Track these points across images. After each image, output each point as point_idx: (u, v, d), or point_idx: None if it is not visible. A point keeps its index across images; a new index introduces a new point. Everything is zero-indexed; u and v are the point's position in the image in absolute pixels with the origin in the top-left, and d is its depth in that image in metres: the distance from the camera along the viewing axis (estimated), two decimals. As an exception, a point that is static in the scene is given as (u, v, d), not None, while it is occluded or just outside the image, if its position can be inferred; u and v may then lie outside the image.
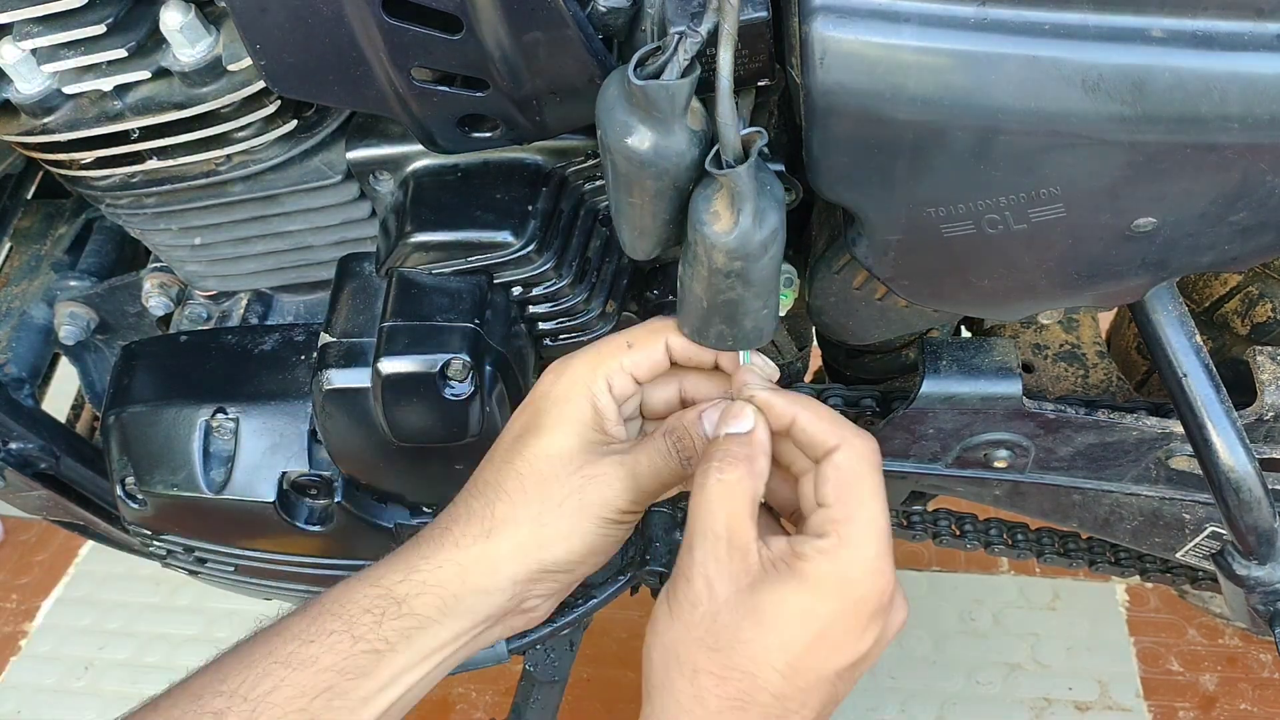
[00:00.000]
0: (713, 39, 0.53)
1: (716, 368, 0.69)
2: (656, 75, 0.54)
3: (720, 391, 0.68)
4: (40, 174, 1.17)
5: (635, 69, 0.54)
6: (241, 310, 0.93)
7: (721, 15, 0.52)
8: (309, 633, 0.63)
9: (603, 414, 0.66)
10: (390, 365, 0.75)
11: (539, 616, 0.69)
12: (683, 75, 0.53)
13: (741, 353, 0.66)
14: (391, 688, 0.63)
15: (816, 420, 0.61)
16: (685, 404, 0.70)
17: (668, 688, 0.60)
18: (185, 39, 0.69)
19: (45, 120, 0.74)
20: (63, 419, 1.17)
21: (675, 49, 0.53)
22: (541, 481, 0.65)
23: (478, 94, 0.66)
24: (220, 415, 0.86)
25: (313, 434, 0.85)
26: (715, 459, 0.60)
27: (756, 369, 0.66)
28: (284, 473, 0.86)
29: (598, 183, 0.81)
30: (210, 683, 0.61)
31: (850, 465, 0.59)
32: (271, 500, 0.86)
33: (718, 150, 0.55)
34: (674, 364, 0.69)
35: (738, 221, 0.56)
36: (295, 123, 0.76)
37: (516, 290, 0.80)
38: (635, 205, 0.60)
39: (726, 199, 0.56)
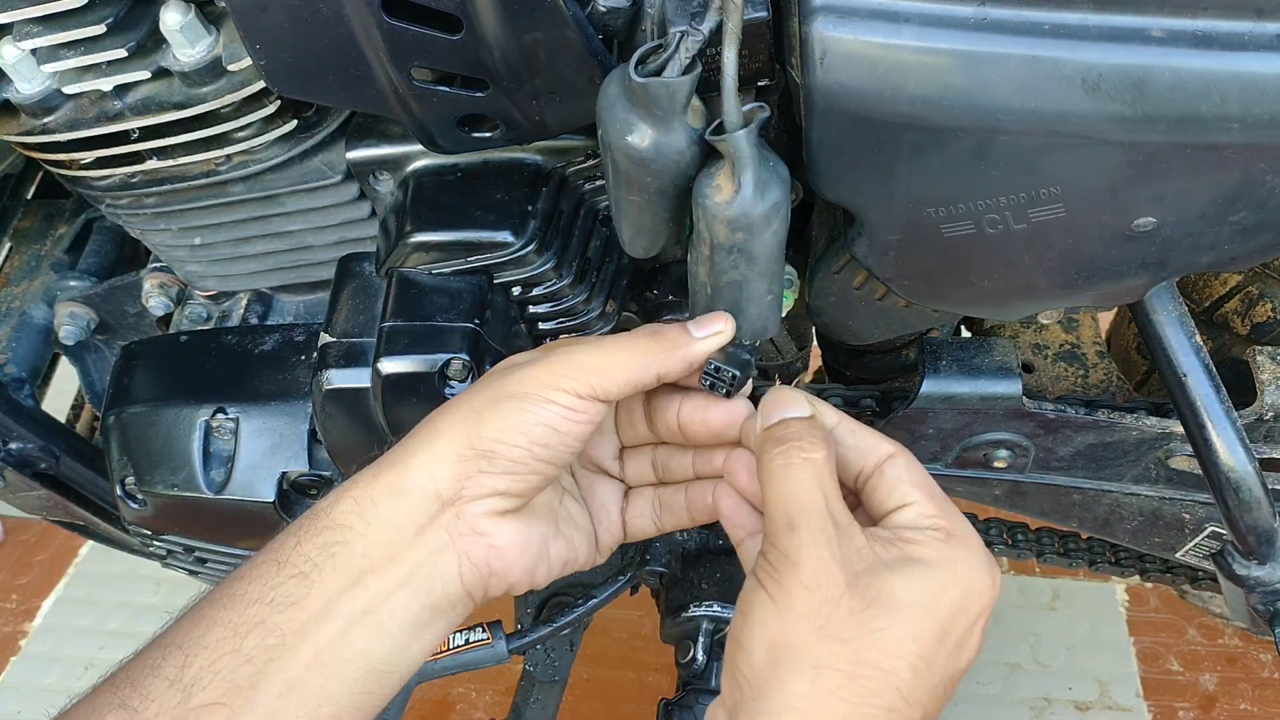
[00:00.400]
0: (714, 38, 0.53)
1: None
2: (657, 73, 0.54)
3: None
4: (40, 174, 1.18)
5: (636, 67, 0.54)
6: (241, 310, 0.93)
7: (725, 13, 0.52)
8: (242, 570, 0.58)
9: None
10: (390, 365, 0.75)
11: (502, 549, 0.59)
12: (684, 73, 0.54)
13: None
14: (329, 620, 0.56)
15: (860, 429, 0.59)
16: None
17: (779, 688, 0.51)
18: (185, 39, 0.69)
19: (45, 120, 0.74)
20: (63, 419, 1.17)
21: (677, 47, 0.53)
22: (486, 380, 0.60)
23: (478, 94, 0.66)
24: (220, 415, 0.86)
25: (313, 434, 0.85)
26: (793, 439, 0.56)
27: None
28: (284, 473, 0.86)
29: (598, 182, 0.81)
30: (157, 639, 0.58)
31: (916, 467, 0.57)
32: (271, 500, 0.86)
33: (720, 122, 0.54)
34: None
35: (739, 190, 0.56)
36: (295, 123, 0.76)
37: (516, 290, 0.80)
38: (635, 203, 0.60)
39: (728, 171, 0.56)
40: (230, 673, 0.54)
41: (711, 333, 0.61)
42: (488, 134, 0.71)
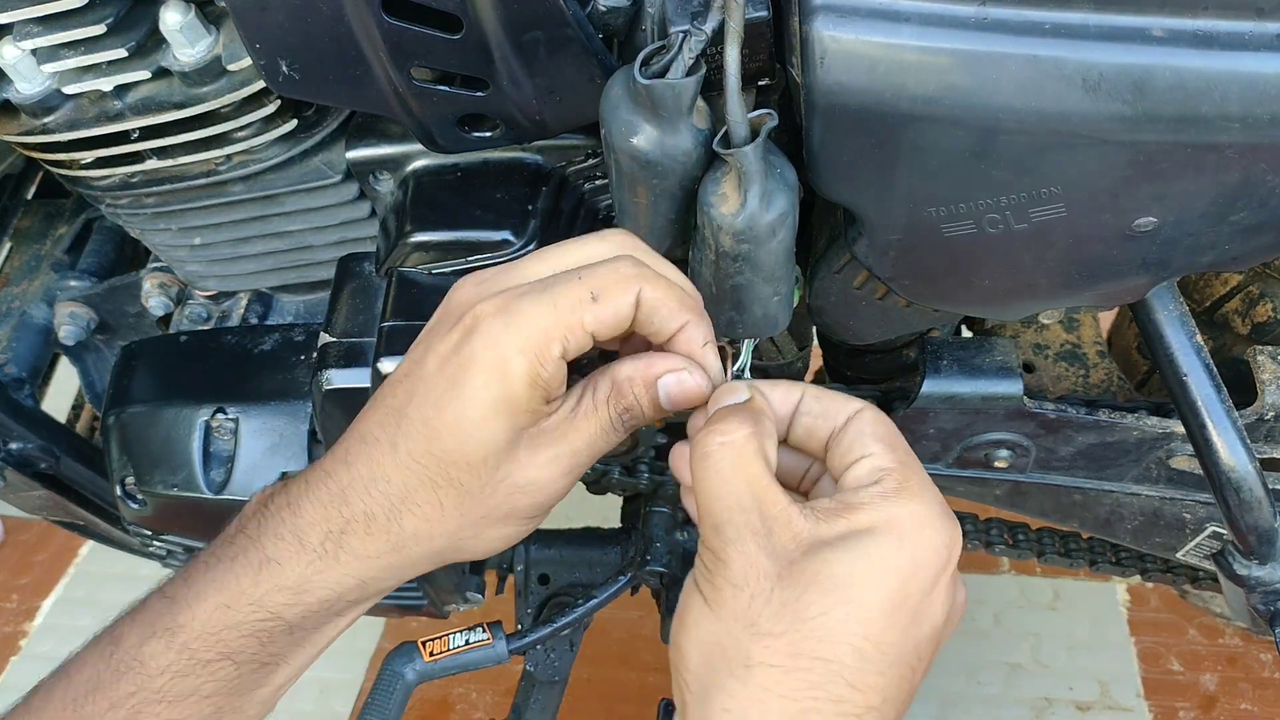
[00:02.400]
0: (716, 37, 0.53)
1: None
2: (661, 74, 0.54)
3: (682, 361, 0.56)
4: (40, 174, 1.18)
5: (640, 68, 0.54)
6: (241, 310, 0.93)
7: (727, 12, 0.52)
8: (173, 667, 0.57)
9: (545, 387, 0.53)
10: (390, 365, 0.75)
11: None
12: (688, 74, 0.53)
13: (745, 342, 0.64)
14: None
15: (825, 393, 0.56)
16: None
17: (714, 693, 0.48)
18: (185, 39, 0.69)
19: (45, 120, 0.74)
20: (63, 419, 1.17)
21: (680, 48, 0.53)
22: (461, 497, 0.54)
23: (478, 94, 0.66)
24: (220, 415, 0.86)
25: (313, 434, 0.85)
26: (713, 424, 0.52)
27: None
28: (284, 473, 0.86)
29: (598, 182, 0.81)
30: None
31: (883, 419, 0.54)
32: (271, 500, 0.86)
33: (726, 132, 0.54)
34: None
35: (744, 203, 0.56)
36: (295, 123, 0.76)
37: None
38: (640, 205, 0.60)
39: (734, 180, 0.56)
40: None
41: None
42: (488, 134, 0.71)
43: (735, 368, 0.61)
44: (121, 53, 0.69)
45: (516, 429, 0.53)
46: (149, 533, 0.95)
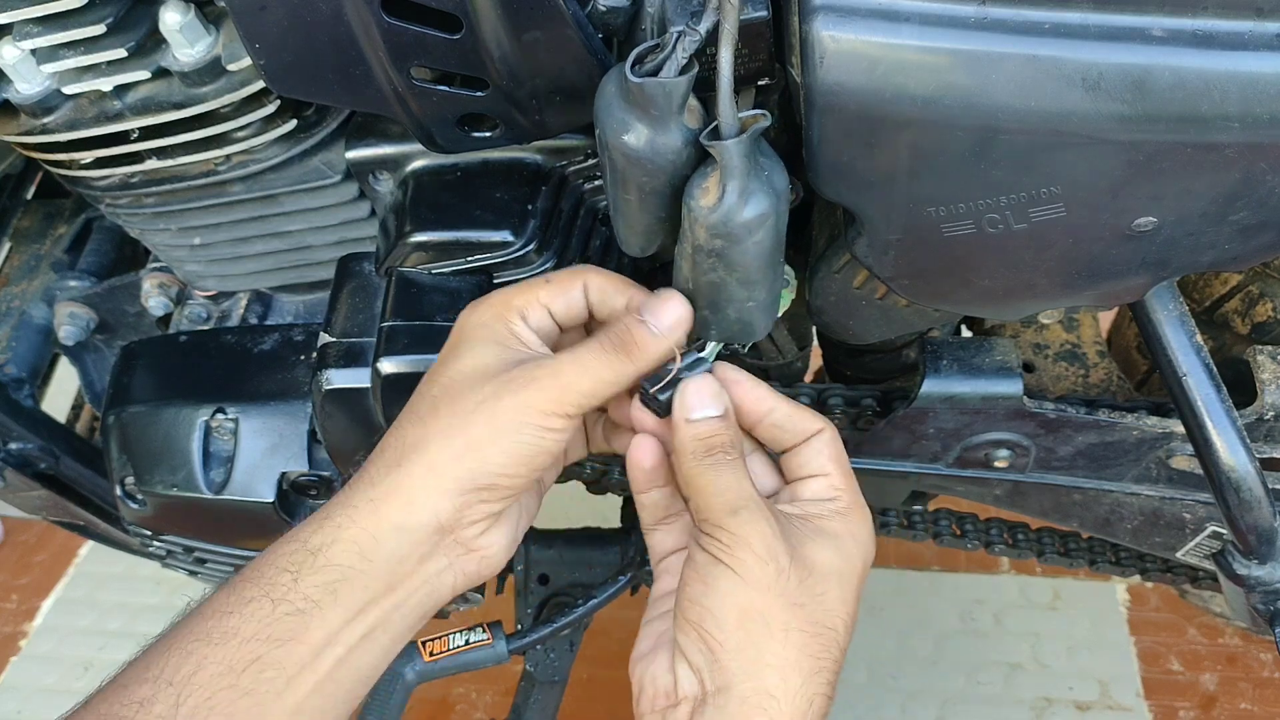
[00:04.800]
0: (712, 37, 0.53)
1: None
2: (654, 73, 0.54)
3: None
4: (40, 174, 1.18)
5: (633, 66, 0.54)
6: (241, 310, 0.93)
7: (722, 14, 0.52)
8: (228, 604, 0.58)
9: (520, 338, 0.63)
10: (390, 365, 0.75)
11: (493, 557, 0.63)
12: (680, 73, 0.53)
13: (709, 344, 0.64)
14: (331, 648, 0.58)
15: (795, 409, 0.65)
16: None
17: (755, 650, 0.58)
18: (185, 39, 0.69)
19: (45, 120, 0.74)
20: (63, 419, 1.17)
21: (673, 47, 0.53)
22: (452, 397, 0.60)
23: (478, 94, 0.66)
24: (220, 415, 0.86)
25: (312, 434, 0.85)
26: (716, 446, 0.62)
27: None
28: (284, 473, 0.86)
29: (597, 182, 0.81)
30: (136, 671, 0.58)
31: (838, 443, 0.65)
32: (271, 500, 0.86)
33: (715, 126, 0.54)
34: (594, 317, 0.66)
35: (722, 197, 0.56)
36: (295, 123, 0.76)
37: (516, 290, 0.80)
38: (631, 201, 0.60)
39: (717, 176, 0.56)
40: (229, 706, 0.55)
41: (672, 324, 0.62)
42: (487, 134, 0.71)
43: (696, 358, 0.64)
44: (121, 53, 0.69)
45: (502, 358, 0.62)
46: (149, 533, 0.95)
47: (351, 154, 0.79)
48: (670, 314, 0.62)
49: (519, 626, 1.08)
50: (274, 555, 0.60)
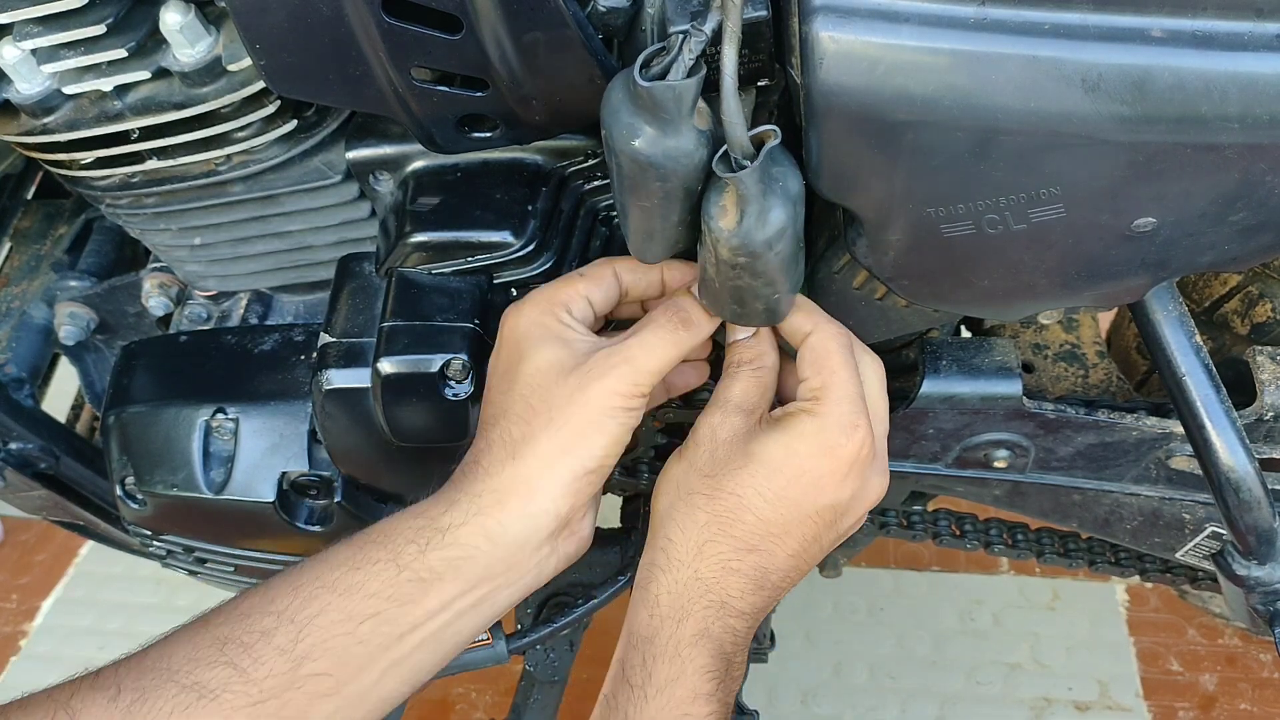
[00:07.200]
0: (716, 38, 0.53)
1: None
2: (662, 76, 0.53)
3: None
4: (40, 174, 1.18)
5: (640, 71, 0.54)
6: (241, 310, 0.93)
7: (725, 13, 0.52)
8: (355, 560, 0.65)
9: (574, 330, 0.69)
10: (390, 365, 0.75)
11: (587, 538, 0.72)
12: (688, 75, 0.53)
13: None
14: (441, 614, 0.65)
15: (795, 312, 0.69)
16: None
17: (669, 514, 0.68)
18: (185, 39, 0.69)
19: (45, 120, 0.74)
20: (63, 419, 1.17)
21: (680, 49, 0.53)
22: (543, 394, 0.66)
23: (478, 94, 0.66)
24: (220, 415, 0.86)
25: (313, 434, 0.85)
26: (742, 357, 0.69)
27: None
28: (284, 473, 0.86)
29: (597, 182, 0.81)
30: (259, 603, 0.63)
31: (822, 344, 0.68)
32: (271, 500, 0.86)
33: (726, 150, 0.54)
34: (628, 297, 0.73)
35: (741, 222, 0.56)
36: (295, 123, 0.77)
37: (516, 290, 0.80)
38: (644, 209, 0.60)
39: (733, 196, 0.56)
40: (342, 651, 0.63)
41: None
42: (488, 134, 0.71)
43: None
44: (121, 53, 0.69)
45: (571, 351, 0.68)
46: (149, 533, 0.95)
47: (352, 154, 0.79)
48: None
49: (519, 626, 1.08)
50: (400, 526, 0.66)
